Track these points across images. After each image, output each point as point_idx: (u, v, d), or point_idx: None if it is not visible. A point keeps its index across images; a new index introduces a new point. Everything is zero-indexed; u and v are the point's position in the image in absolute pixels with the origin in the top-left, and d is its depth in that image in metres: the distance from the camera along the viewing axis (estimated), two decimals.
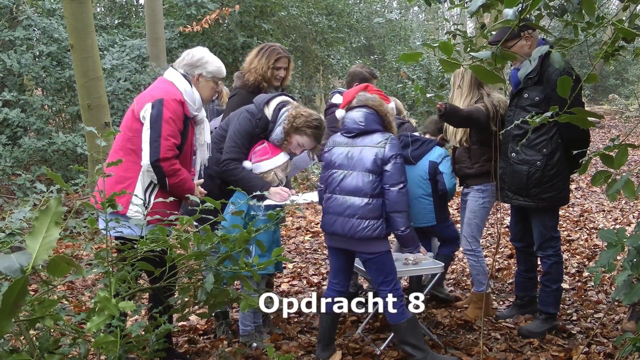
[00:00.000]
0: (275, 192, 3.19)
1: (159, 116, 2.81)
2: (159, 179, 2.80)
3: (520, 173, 3.35)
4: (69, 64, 8.08)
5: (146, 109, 2.84)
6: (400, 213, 2.94)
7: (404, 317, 3.01)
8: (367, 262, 3.06)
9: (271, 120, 3.33)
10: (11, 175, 7.21)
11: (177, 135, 2.86)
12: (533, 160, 3.31)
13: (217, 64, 3.10)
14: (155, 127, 2.80)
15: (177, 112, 2.87)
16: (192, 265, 2.44)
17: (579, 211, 7.01)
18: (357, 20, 14.45)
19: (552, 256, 3.44)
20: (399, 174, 2.94)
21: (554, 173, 3.30)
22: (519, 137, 3.33)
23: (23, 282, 1.36)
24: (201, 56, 3.05)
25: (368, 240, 2.96)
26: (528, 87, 3.33)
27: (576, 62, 16.52)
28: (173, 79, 2.99)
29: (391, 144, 2.98)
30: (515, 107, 3.40)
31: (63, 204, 1.57)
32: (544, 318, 3.49)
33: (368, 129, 3.05)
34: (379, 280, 3.03)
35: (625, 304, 2.95)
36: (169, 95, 2.88)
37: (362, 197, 2.96)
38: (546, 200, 3.34)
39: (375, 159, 2.96)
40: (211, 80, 3.08)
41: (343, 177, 3.03)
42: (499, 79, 1.88)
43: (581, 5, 2.38)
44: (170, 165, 2.81)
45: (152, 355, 2.23)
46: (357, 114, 3.09)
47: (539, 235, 3.44)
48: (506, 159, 3.46)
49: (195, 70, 3.03)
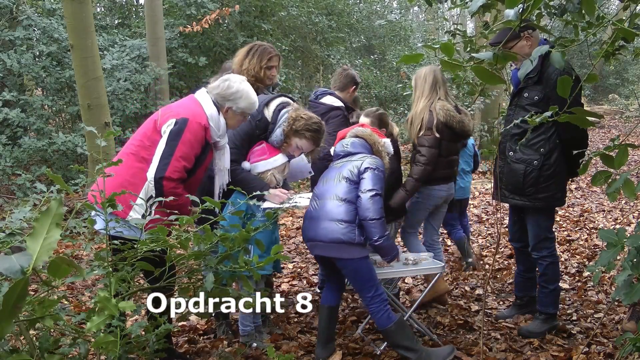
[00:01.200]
0: (275, 193, 3.19)
1: (179, 135, 2.78)
2: (157, 195, 2.71)
3: (517, 172, 3.36)
4: (69, 64, 8.08)
5: (169, 124, 2.81)
6: (371, 221, 2.91)
7: (390, 321, 3.01)
8: (343, 270, 3.05)
9: (271, 121, 3.32)
10: (11, 175, 7.21)
11: (190, 158, 2.82)
12: (530, 159, 3.31)
13: (250, 100, 3.01)
14: (171, 144, 2.77)
15: (198, 136, 2.83)
16: (192, 265, 2.44)
17: (579, 211, 7.01)
18: (357, 20, 14.44)
19: (547, 257, 3.45)
20: (373, 182, 2.98)
21: (551, 173, 3.30)
22: (517, 136, 3.34)
23: (23, 283, 1.36)
24: (237, 90, 2.97)
25: (339, 244, 2.95)
26: (528, 86, 3.32)
27: (576, 62, 16.53)
28: (202, 101, 2.95)
29: (370, 160, 3.07)
30: (515, 106, 3.40)
31: (63, 204, 1.57)
32: (544, 318, 3.49)
33: (353, 151, 3.18)
34: (359, 287, 3.03)
35: (626, 304, 2.96)
36: (194, 117, 2.84)
37: (334, 200, 2.99)
38: (542, 200, 3.34)
39: (352, 169, 3.05)
40: (240, 115, 3.03)
41: (321, 184, 3.13)
42: (500, 80, 1.88)
43: (581, 5, 2.38)
44: (172, 187, 2.75)
45: (152, 355, 2.23)
46: (346, 140, 3.26)
47: (533, 236, 3.45)
48: (504, 158, 3.46)
49: (226, 102, 2.97)
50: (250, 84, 3.57)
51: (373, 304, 3.01)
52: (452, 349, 3.14)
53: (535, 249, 3.46)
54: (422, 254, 3.63)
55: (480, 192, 8.63)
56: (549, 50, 1.90)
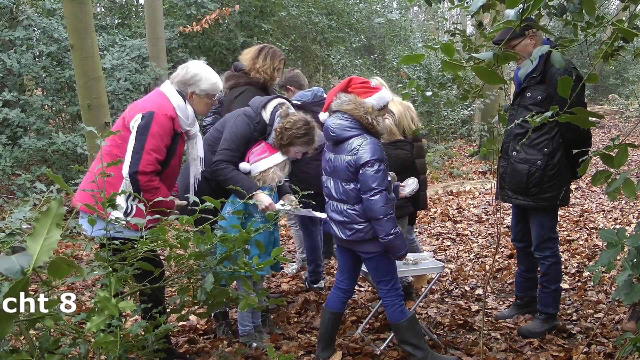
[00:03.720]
0: (260, 199, 3.17)
1: (146, 129, 2.82)
2: (135, 190, 2.75)
3: (521, 172, 3.35)
4: (69, 64, 8.07)
5: (136, 119, 2.85)
6: (376, 221, 2.84)
7: (404, 316, 3.01)
8: (366, 261, 3.06)
9: (269, 123, 3.33)
10: (11, 175, 7.21)
11: (161, 150, 2.86)
12: (534, 159, 3.31)
13: (211, 80, 3.03)
14: (140, 139, 2.81)
15: (166, 128, 2.87)
16: (192, 265, 2.44)
17: (579, 211, 7.01)
18: (357, 20, 14.42)
19: (550, 257, 3.44)
20: (371, 181, 2.80)
21: (554, 173, 3.29)
22: (520, 136, 3.33)
23: (24, 283, 1.36)
24: (195, 73, 3.00)
25: (362, 242, 2.96)
26: (531, 86, 3.32)
27: (576, 62, 16.47)
28: (168, 93, 2.98)
29: (364, 149, 2.82)
30: (518, 106, 3.39)
31: (63, 204, 1.57)
32: (544, 318, 3.49)
33: (341, 137, 2.91)
34: (378, 279, 3.04)
35: (626, 304, 2.96)
36: (160, 109, 2.88)
37: (347, 204, 2.94)
38: (546, 200, 3.34)
39: (348, 167, 2.88)
40: (205, 97, 3.05)
41: (331, 184, 3.02)
42: (500, 80, 1.88)
43: (581, 5, 2.38)
44: (148, 181, 2.79)
45: (151, 355, 2.23)
46: (331, 122, 2.95)
47: (537, 236, 3.45)
48: (507, 158, 3.46)
49: (188, 88, 3.01)
50: (262, 82, 3.82)
51: (389, 297, 3.02)
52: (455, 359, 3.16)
53: (538, 249, 3.45)
54: (422, 254, 3.63)
55: (480, 192, 8.62)
56: (550, 50, 1.90)
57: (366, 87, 2.99)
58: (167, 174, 2.96)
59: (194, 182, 3.21)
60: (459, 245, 5.83)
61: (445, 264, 4.97)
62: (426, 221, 6.85)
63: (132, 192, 2.63)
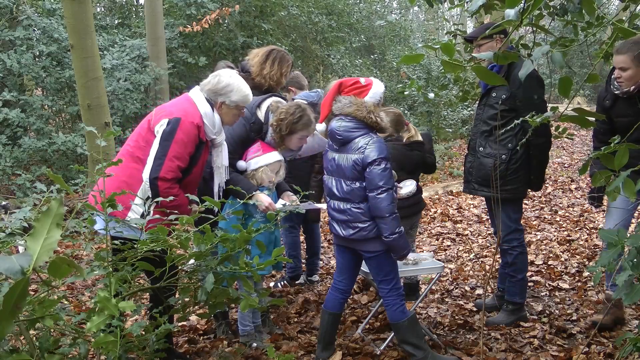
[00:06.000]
0: (260, 199, 3.16)
1: (171, 135, 2.77)
2: (153, 195, 2.70)
3: (486, 165, 3.56)
4: (69, 64, 8.07)
5: (162, 124, 2.81)
6: (381, 219, 2.85)
7: (405, 316, 3.01)
8: (367, 260, 3.06)
9: (264, 122, 3.33)
10: (11, 175, 7.21)
11: (184, 158, 2.82)
12: (499, 154, 3.51)
13: (243, 92, 2.99)
14: (164, 144, 2.77)
15: (191, 135, 2.83)
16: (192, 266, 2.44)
17: (579, 211, 7.00)
18: (357, 20, 14.41)
19: (516, 247, 3.63)
20: (378, 179, 2.82)
21: (517, 167, 3.49)
22: (486, 133, 3.57)
23: (24, 283, 1.36)
24: (227, 83, 2.95)
25: (364, 241, 2.96)
26: (496, 87, 3.48)
27: (576, 62, 16.51)
28: (196, 100, 2.94)
29: (371, 147, 2.85)
30: (484, 105, 3.62)
31: (63, 204, 1.57)
32: (511, 309, 3.66)
33: (348, 138, 2.93)
34: (379, 278, 3.04)
35: (626, 304, 2.95)
36: (187, 116, 2.84)
37: (351, 202, 2.93)
38: (508, 192, 3.52)
39: (355, 166, 2.88)
40: (234, 108, 3.01)
41: (333, 183, 3.01)
42: (500, 80, 1.89)
43: (581, 5, 2.38)
44: (167, 187, 2.75)
45: (152, 355, 2.23)
46: (336, 124, 2.97)
47: (504, 227, 3.60)
48: (474, 153, 3.67)
49: (218, 97, 2.96)
50: (268, 87, 3.70)
51: (389, 297, 3.02)
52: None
53: (506, 241, 3.63)
54: (422, 254, 3.64)
55: None
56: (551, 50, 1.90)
57: (359, 87, 3.04)
58: (188, 182, 2.91)
59: (218, 190, 3.14)
60: (459, 245, 5.83)
61: (445, 264, 4.97)
62: (426, 221, 6.85)
63: (151, 197, 2.58)
